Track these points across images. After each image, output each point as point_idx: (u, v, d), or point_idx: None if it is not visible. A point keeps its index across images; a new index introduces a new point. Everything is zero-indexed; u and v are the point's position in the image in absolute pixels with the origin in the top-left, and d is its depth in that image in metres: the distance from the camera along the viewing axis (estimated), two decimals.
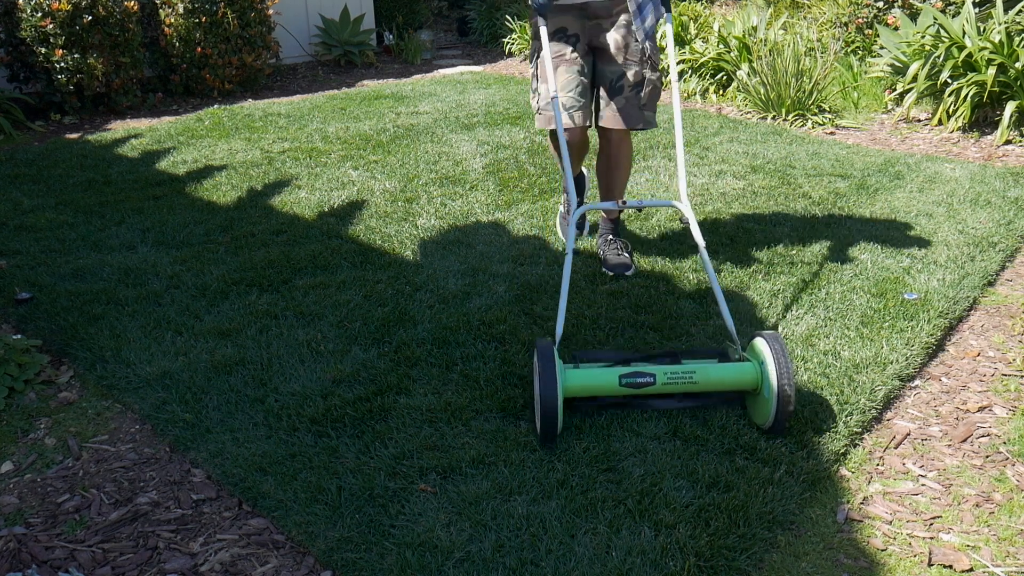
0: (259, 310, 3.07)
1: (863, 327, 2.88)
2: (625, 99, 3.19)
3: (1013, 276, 3.41)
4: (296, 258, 3.53)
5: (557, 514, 2.00)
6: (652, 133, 5.59)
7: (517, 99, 6.77)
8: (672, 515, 1.99)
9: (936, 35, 5.58)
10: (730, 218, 3.96)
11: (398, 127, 5.88)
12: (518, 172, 4.74)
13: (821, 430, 2.33)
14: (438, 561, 1.87)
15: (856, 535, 2.00)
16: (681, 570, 1.83)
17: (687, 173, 4.68)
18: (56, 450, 2.36)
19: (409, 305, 3.09)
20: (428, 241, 3.75)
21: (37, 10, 5.93)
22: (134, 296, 3.20)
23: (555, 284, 3.24)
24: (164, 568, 1.91)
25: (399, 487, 2.11)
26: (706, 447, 2.25)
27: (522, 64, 8.72)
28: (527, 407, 2.44)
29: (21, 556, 1.94)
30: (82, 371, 2.74)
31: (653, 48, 3.15)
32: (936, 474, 2.23)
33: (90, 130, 6.02)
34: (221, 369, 2.67)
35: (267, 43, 7.26)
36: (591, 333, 2.86)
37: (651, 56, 3.15)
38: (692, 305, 3.07)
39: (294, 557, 1.94)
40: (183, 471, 2.25)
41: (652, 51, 3.15)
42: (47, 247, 3.73)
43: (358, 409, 2.43)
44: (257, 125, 6.00)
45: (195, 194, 4.46)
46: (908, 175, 4.59)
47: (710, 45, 6.85)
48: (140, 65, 6.57)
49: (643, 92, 3.20)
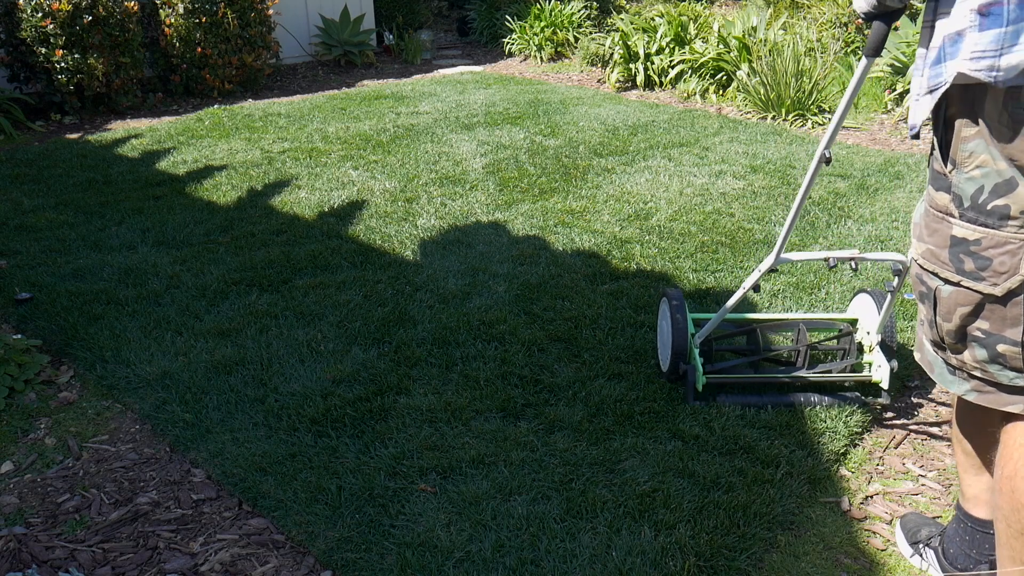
0: (259, 310, 3.07)
1: None
2: None
3: None
4: (296, 258, 3.53)
5: (557, 514, 2.00)
6: (652, 133, 5.59)
7: (517, 99, 6.77)
8: (672, 515, 1.99)
9: None
10: (730, 218, 3.96)
11: (398, 127, 5.88)
12: (518, 172, 4.74)
13: (821, 430, 2.33)
14: (438, 561, 1.87)
15: (856, 535, 2.00)
16: (681, 570, 1.83)
17: (688, 173, 4.68)
18: (56, 450, 2.36)
19: (409, 305, 3.09)
20: (428, 241, 3.74)
21: (37, 10, 5.92)
22: (134, 296, 3.20)
23: (555, 284, 3.24)
24: (164, 568, 1.91)
25: (399, 487, 2.11)
26: (706, 447, 2.25)
27: (522, 64, 8.72)
28: (527, 407, 2.45)
29: (21, 556, 1.94)
30: (82, 371, 2.74)
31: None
32: (936, 474, 2.23)
33: (90, 130, 6.02)
34: (221, 369, 2.67)
35: (267, 43, 7.26)
36: (591, 333, 2.86)
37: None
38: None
39: (294, 557, 1.94)
40: (183, 471, 2.25)
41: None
42: (47, 247, 3.73)
43: (358, 409, 2.43)
44: (257, 125, 6.00)
45: (195, 194, 4.46)
46: (908, 175, 4.59)
47: (710, 45, 6.85)
48: (140, 65, 6.57)
49: None
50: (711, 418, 2.37)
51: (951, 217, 1.38)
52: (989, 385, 1.43)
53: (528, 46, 8.86)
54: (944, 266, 1.41)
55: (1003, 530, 1.48)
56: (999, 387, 1.42)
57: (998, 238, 1.31)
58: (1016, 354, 1.36)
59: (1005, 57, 1.20)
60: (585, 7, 8.86)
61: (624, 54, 7.28)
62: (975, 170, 1.32)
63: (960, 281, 1.39)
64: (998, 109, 1.25)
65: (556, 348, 2.77)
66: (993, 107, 1.25)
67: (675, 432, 2.32)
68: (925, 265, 1.46)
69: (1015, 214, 1.28)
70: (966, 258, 1.36)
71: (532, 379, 2.59)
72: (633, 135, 5.56)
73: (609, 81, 7.34)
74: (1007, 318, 1.35)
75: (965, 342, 1.43)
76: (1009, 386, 1.41)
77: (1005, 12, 1.20)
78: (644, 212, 4.05)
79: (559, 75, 8.05)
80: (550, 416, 2.39)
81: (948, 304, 1.43)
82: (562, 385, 2.55)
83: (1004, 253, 1.31)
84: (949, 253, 1.39)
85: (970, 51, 1.23)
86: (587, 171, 4.75)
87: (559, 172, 4.73)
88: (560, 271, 3.37)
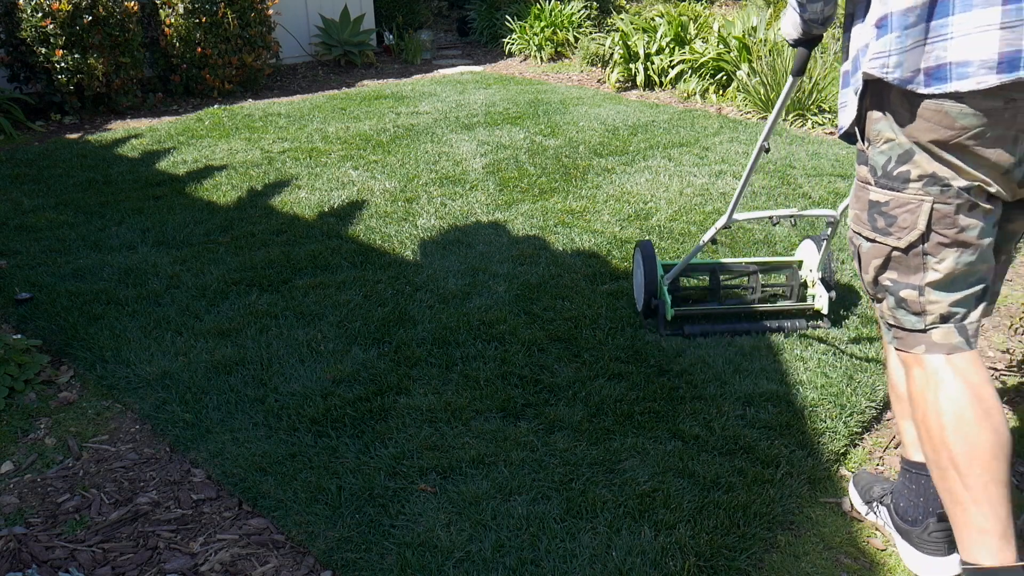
0: (259, 310, 3.07)
1: (863, 327, 2.88)
2: None
3: (1013, 276, 3.41)
4: (296, 258, 3.54)
5: (557, 514, 2.00)
6: (652, 133, 5.60)
7: (517, 99, 6.77)
8: (672, 515, 1.99)
9: None
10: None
11: (398, 127, 5.88)
12: (518, 172, 4.74)
13: (821, 430, 2.33)
14: (438, 561, 1.87)
15: (856, 535, 2.00)
16: (681, 570, 1.83)
17: (688, 173, 4.68)
18: (56, 450, 2.36)
19: (409, 305, 3.09)
20: (428, 241, 3.75)
21: (37, 10, 5.92)
22: (134, 296, 3.20)
23: (555, 284, 3.24)
24: (164, 568, 1.91)
25: (399, 487, 2.11)
26: (706, 447, 2.25)
27: (522, 64, 8.72)
28: (527, 407, 2.45)
29: (21, 556, 1.94)
30: (82, 371, 2.74)
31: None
32: None
33: (90, 130, 6.02)
34: (221, 369, 2.67)
35: (267, 43, 7.26)
36: (591, 333, 2.86)
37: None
38: None
39: (294, 557, 1.94)
40: (183, 471, 2.25)
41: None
42: (47, 247, 3.73)
43: (358, 409, 2.43)
44: (257, 125, 6.00)
45: (195, 194, 4.46)
46: None
47: (710, 45, 6.85)
48: (140, 65, 6.57)
49: None
50: (711, 418, 2.38)
51: (869, 185, 1.68)
52: (901, 331, 1.70)
53: (528, 46, 8.86)
54: (864, 226, 1.70)
55: (935, 473, 1.66)
56: (907, 332, 1.68)
57: (901, 199, 1.61)
58: (916, 299, 1.64)
59: (893, 57, 1.52)
60: (585, 7, 8.86)
61: (624, 54, 7.28)
62: (883, 144, 1.63)
63: (875, 237, 1.68)
64: (899, 100, 1.57)
65: (556, 348, 2.78)
66: (895, 98, 1.58)
67: (675, 432, 2.32)
68: (853, 227, 1.76)
69: (914, 178, 1.59)
70: (879, 217, 1.66)
71: (532, 379, 2.59)
72: (633, 135, 5.56)
73: (609, 81, 7.34)
74: (909, 267, 1.64)
75: (881, 292, 1.71)
76: (912, 330, 1.67)
77: (889, 23, 1.52)
78: (644, 212, 4.05)
79: (559, 75, 8.06)
80: (550, 416, 2.39)
81: (867, 258, 1.72)
82: (562, 385, 2.55)
83: (906, 211, 1.61)
84: (867, 215, 1.69)
85: (871, 55, 1.56)
86: (587, 171, 4.75)
87: (559, 172, 4.73)
88: (560, 271, 3.37)
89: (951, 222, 1.58)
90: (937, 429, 1.61)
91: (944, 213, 1.58)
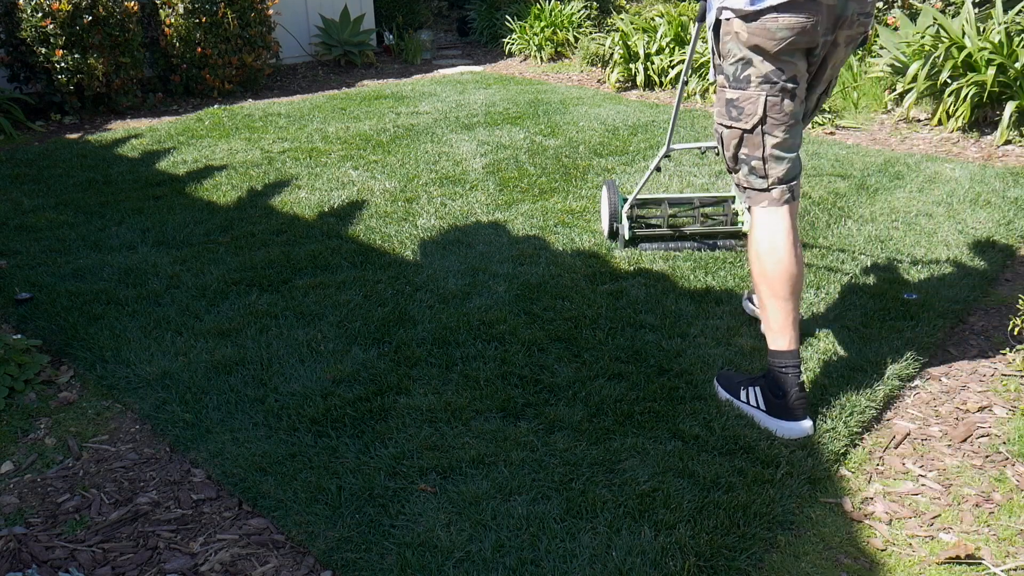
0: (259, 310, 3.07)
1: (863, 327, 2.89)
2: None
3: (1013, 276, 3.41)
4: (296, 258, 3.54)
5: (557, 514, 2.00)
6: (652, 133, 5.59)
7: (517, 99, 6.77)
8: (672, 515, 1.99)
9: (936, 35, 5.58)
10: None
11: (398, 127, 5.88)
12: (518, 172, 4.74)
13: (821, 430, 2.33)
14: (438, 561, 1.87)
15: (856, 535, 2.00)
16: (681, 570, 1.83)
17: (687, 173, 4.68)
18: (56, 450, 2.36)
19: (409, 305, 3.09)
20: (428, 241, 3.75)
21: (37, 10, 5.93)
22: (134, 296, 3.20)
23: (555, 284, 3.24)
24: (164, 568, 1.91)
25: (399, 487, 2.11)
26: (706, 447, 2.25)
27: (522, 64, 8.72)
28: (527, 407, 2.45)
29: (21, 556, 1.94)
30: (82, 371, 2.74)
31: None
32: (936, 474, 2.23)
33: (90, 130, 6.02)
34: (221, 369, 2.67)
35: (267, 43, 7.26)
36: (591, 333, 2.86)
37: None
38: (691, 305, 3.07)
39: (294, 557, 1.94)
40: (183, 471, 2.25)
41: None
42: (47, 247, 3.73)
43: (358, 409, 2.43)
44: (257, 125, 6.00)
45: (195, 194, 4.46)
46: (908, 175, 4.59)
47: None
48: (140, 65, 6.57)
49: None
50: (711, 418, 2.38)
51: (725, 88, 2.28)
52: (752, 191, 2.33)
53: (528, 46, 8.86)
54: (724, 117, 2.31)
55: (761, 296, 2.35)
56: (756, 191, 2.32)
57: (746, 95, 2.23)
58: (760, 166, 2.28)
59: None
60: (585, 7, 8.86)
61: (624, 54, 7.29)
62: (731, 57, 2.24)
63: (731, 124, 2.28)
64: (739, 25, 2.17)
65: (556, 348, 2.78)
66: (736, 26, 2.18)
67: (675, 432, 2.32)
68: (716, 120, 2.36)
69: (753, 80, 2.21)
70: (732, 109, 2.27)
71: (532, 379, 2.59)
72: (633, 135, 5.56)
73: (609, 81, 7.35)
74: (755, 143, 2.26)
75: (738, 164, 2.33)
76: (758, 189, 2.31)
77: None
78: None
79: (559, 75, 8.06)
80: (550, 416, 2.39)
81: (727, 140, 2.32)
82: (562, 385, 2.55)
83: (750, 103, 2.23)
84: (725, 109, 2.30)
85: (719, 4, 2.23)
86: (587, 171, 4.75)
87: (559, 172, 4.73)
88: (560, 271, 3.37)
89: (779, 108, 2.22)
90: (766, 250, 2.29)
91: (774, 103, 2.21)
